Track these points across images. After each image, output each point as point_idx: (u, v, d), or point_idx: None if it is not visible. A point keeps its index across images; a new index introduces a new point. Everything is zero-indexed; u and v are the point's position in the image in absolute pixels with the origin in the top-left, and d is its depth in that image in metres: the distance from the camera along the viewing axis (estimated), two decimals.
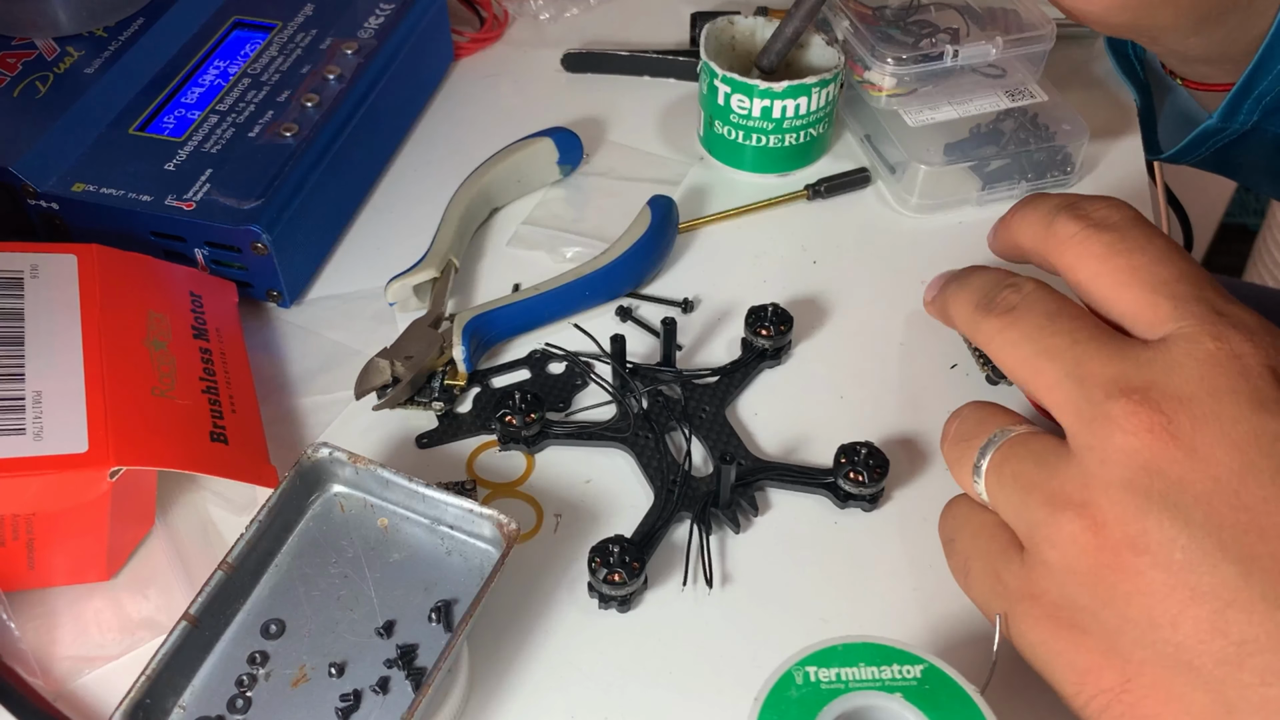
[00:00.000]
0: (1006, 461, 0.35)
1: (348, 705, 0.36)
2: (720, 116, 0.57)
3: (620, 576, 0.39)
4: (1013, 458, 0.35)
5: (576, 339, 0.49)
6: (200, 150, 0.51)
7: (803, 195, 0.57)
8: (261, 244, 0.48)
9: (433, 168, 0.59)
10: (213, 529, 0.43)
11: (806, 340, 0.51)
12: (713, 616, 0.41)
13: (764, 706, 0.32)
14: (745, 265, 0.54)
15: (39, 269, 0.43)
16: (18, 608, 0.40)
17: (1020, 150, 0.56)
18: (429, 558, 0.39)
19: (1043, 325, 0.35)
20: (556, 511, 0.44)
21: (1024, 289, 0.37)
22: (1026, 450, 0.34)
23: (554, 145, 0.57)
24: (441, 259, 0.51)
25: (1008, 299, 0.37)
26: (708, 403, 0.47)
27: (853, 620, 0.41)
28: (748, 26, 0.60)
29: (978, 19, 0.58)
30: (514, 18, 0.70)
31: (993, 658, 0.37)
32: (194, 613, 0.36)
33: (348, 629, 0.38)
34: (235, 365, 0.46)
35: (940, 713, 0.32)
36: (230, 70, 0.56)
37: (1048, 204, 0.38)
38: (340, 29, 0.58)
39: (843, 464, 0.43)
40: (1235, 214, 1.52)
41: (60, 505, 0.38)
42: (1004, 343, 0.36)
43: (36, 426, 0.38)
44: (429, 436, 0.46)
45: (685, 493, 0.43)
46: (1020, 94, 0.58)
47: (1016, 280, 0.38)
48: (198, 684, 0.36)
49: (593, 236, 0.55)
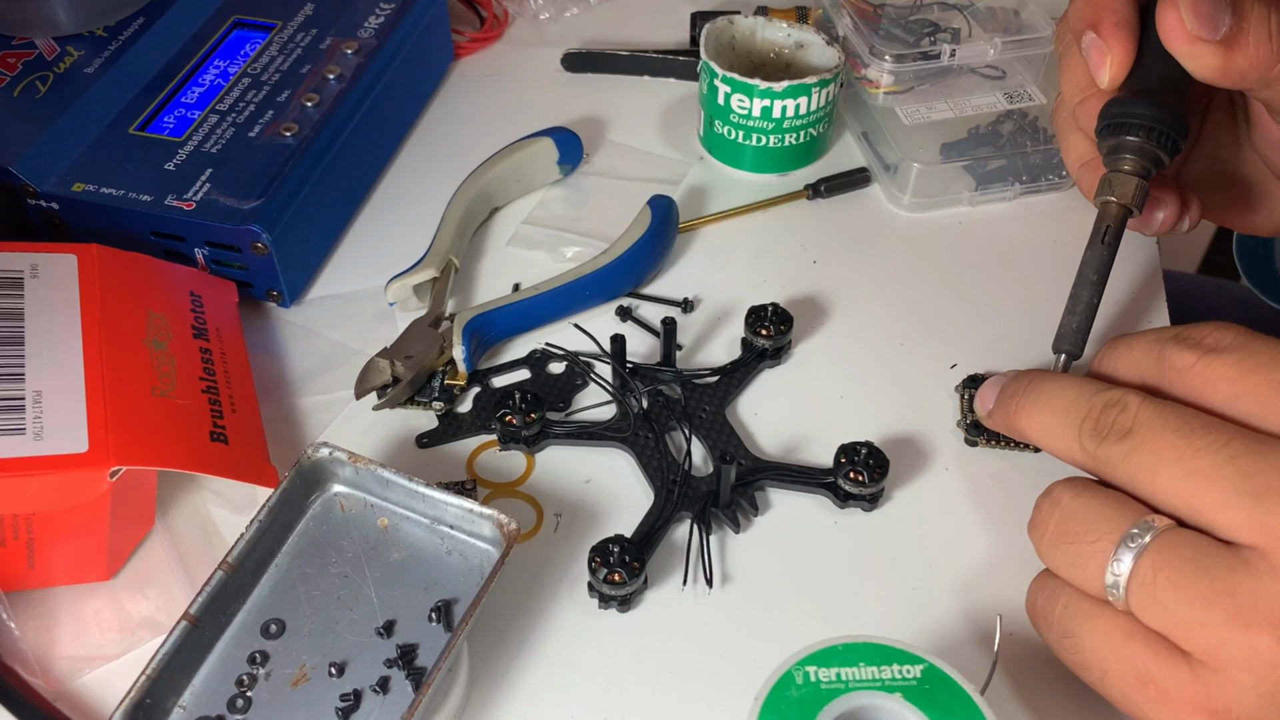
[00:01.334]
0: (1161, 570, 0.32)
1: (348, 705, 0.36)
2: (720, 116, 0.57)
3: (620, 576, 0.39)
4: (1168, 566, 0.32)
5: (576, 339, 0.49)
6: (200, 150, 0.51)
7: (803, 195, 0.57)
8: (261, 244, 0.48)
9: (433, 168, 0.59)
10: (213, 529, 0.43)
11: (806, 340, 0.51)
12: (713, 616, 0.41)
13: (764, 706, 0.32)
14: (745, 265, 0.54)
15: (39, 269, 0.43)
16: (18, 608, 0.40)
17: (1017, 152, 0.56)
18: (429, 557, 0.39)
19: (1178, 445, 0.32)
20: (556, 511, 0.44)
21: (1131, 406, 0.34)
22: (1182, 557, 0.31)
23: (554, 145, 0.57)
24: (441, 259, 0.51)
25: (1119, 422, 0.34)
26: (708, 403, 0.47)
27: (853, 620, 0.41)
28: (748, 26, 0.60)
29: (980, 19, 0.58)
30: (514, 17, 0.70)
31: (993, 658, 0.37)
32: (194, 613, 0.36)
33: (348, 629, 0.38)
34: (235, 365, 0.46)
35: (940, 713, 0.32)
36: (230, 70, 0.56)
37: (1147, 338, 0.36)
38: (340, 29, 0.58)
39: (843, 464, 0.43)
40: None
41: (60, 505, 0.38)
42: (1136, 470, 0.33)
43: (36, 426, 0.38)
44: (429, 436, 0.46)
45: (685, 493, 0.43)
46: (1019, 96, 0.58)
47: (1115, 396, 0.35)
48: (198, 684, 0.36)
49: (593, 236, 0.55)
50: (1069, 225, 0.56)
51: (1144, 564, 0.32)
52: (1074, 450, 0.36)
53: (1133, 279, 0.53)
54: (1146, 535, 0.32)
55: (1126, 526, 0.33)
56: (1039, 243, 0.55)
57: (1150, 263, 0.54)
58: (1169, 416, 0.33)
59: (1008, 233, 0.56)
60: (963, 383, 0.47)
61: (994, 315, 0.52)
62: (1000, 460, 0.46)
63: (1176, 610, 0.31)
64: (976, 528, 0.43)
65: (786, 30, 0.59)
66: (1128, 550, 0.32)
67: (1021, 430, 0.39)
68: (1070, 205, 0.57)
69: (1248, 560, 0.30)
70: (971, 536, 0.43)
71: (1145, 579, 0.32)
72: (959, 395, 0.47)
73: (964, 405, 0.46)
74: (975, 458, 0.46)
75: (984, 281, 0.53)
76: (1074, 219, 0.56)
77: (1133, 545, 0.32)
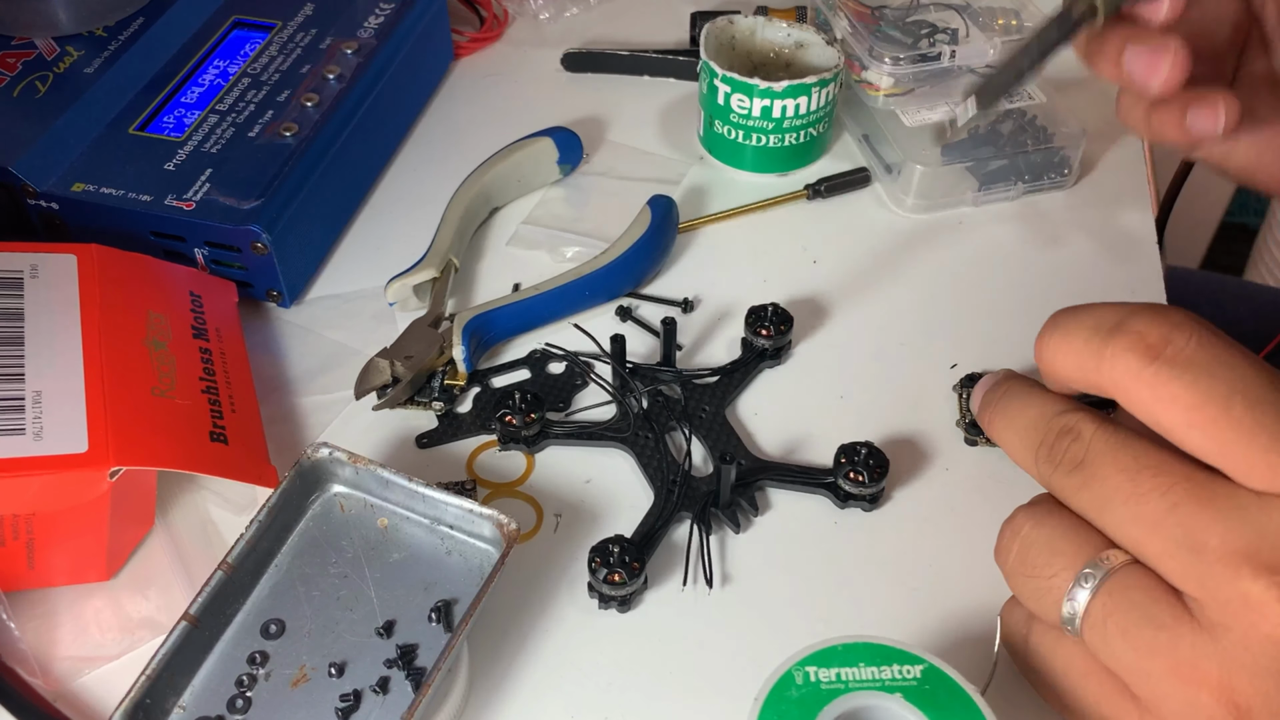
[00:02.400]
0: (1110, 615, 0.31)
1: (348, 705, 0.36)
2: (720, 116, 0.57)
3: (620, 576, 0.39)
4: (1117, 611, 0.31)
5: (576, 339, 0.49)
6: (200, 150, 0.51)
7: (803, 195, 0.57)
8: (261, 244, 0.48)
9: (433, 168, 0.59)
10: (213, 529, 0.43)
11: (806, 340, 0.51)
12: (713, 616, 0.41)
13: (764, 706, 0.32)
14: (745, 265, 0.54)
15: (39, 269, 0.43)
16: (18, 608, 0.40)
17: (1018, 152, 0.56)
18: (429, 558, 0.39)
19: (1125, 487, 0.31)
20: (556, 511, 0.44)
21: (1084, 436, 0.32)
22: (1130, 603, 0.31)
23: (554, 145, 0.57)
24: (441, 259, 0.51)
25: (1072, 452, 0.32)
26: (708, 403, 0.47)
27: (853, 620, 0.41)
28: (748, 26, 0.60)
29: (977, 20, 0.58)
30: (514, 17, 0.70)
31: (993, 658, 0.37)
32: (194, 613, 0.36)
33: (348, 629, 0.38)
34: (235, 365, 0.46)
35: (940, 713, 0.32)
36: (230, 70, 0.56)
37: (1086, 327, 0.32)
38: (340, 29, 0.58)
39: (843, 464, 0.43)
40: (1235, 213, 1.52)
41: (60, 505, 0.38)
42: (1088, 505, 0.32)
43: (36, 426, 0.38)
44: (429, 436, 0.46)
45: (685, 493, 0.43)
46: (1019, 95, 0.58)
47: (1070, 423, 0.33)
48: (198, 684, 0.36)
49: (593, 236, 0.55)
50: (1070, 224, 0.56)
51: (1095, 606, 0.32)
52: (1033, 472, 0.35)
53: (1131, 275, 0.53)
54: (1099, 575, 0.32)
55: (1081, 565, 0.32)
56: (1039, 242, 0.55)
57: (1150, 260, 0.54)
58: (1119, 453, 0.31)
59: (1008, 232, 0.56)
60: (961, 382, 0.47)
61: (994, 315, 0.52)
62: (1000, 460, 0.45)
63: (1124, 657, 0.31)
64: (976, 528, 0.43)
65: (786, 30, 0.59)
66: (1081, 589, 0.32)
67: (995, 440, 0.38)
68: (1071, 205, 0.57)
69: (1192, 613, 0.30)
70: (971, 536, 0.43)
71: (1096, 622, 0.32)
72: (958, 395, 0.47)
73: (963, 405, 0.46)
74: (975, 458, 0.46)
75: (984, 281, 0.53)
76: (1075, 218, 0.56)
77: (1086, 585, 0.32)
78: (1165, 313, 0.31)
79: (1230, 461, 0.30)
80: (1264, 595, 0.28)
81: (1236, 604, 0.29)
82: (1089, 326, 0.32)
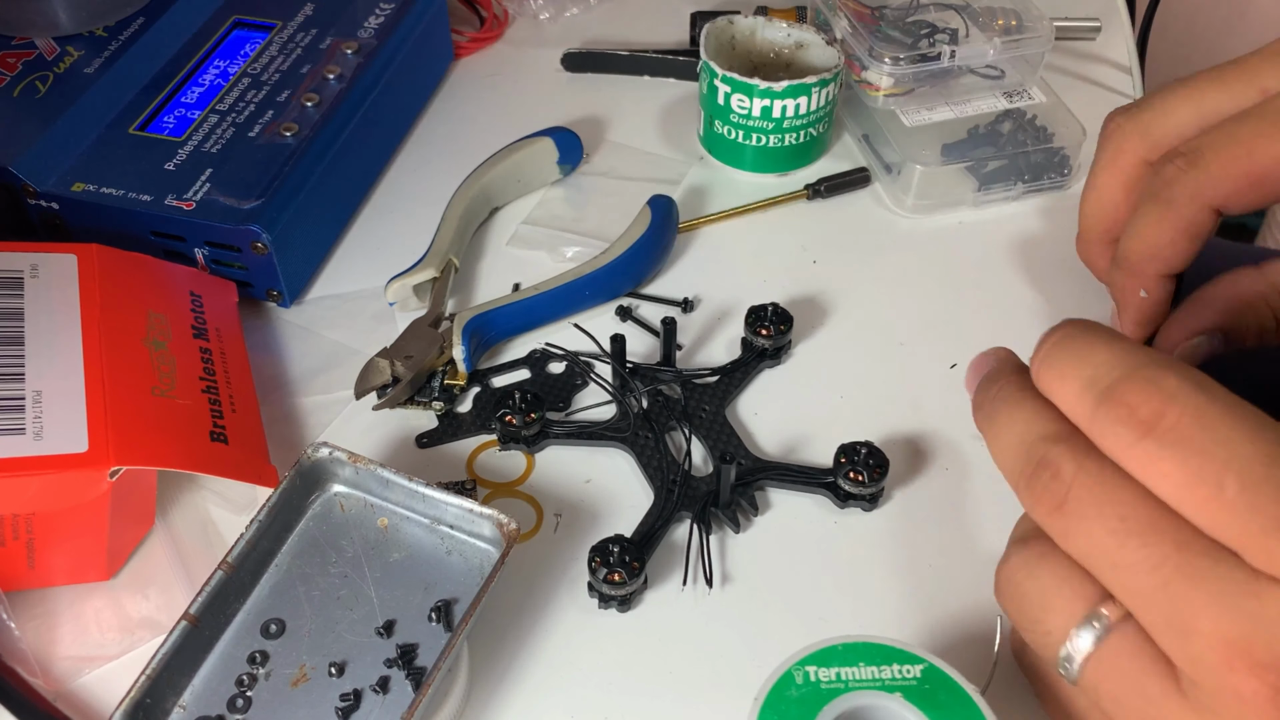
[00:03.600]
0: (1103, 681, 0.31)
1: (348, 705, 0.36)
2: (720, 116, 0.57)
3: (620, 576, 0.39)
4: (1109, 678, 0.30)
5: (576, 339, 0.49)
6: (200, 150, 0.51)
7: (802, 195, 0.57)
8: (261, 244, 0.48)
9: (433, 167, 0.59)
10: (213, 529, 0.43)
11: (806, 340, 0.51)
12: (713, 616, 0.41)
13: (764, 706, 0.32)
14: (745, 265, 0.54)
15: (39, 269, 0.43)
16: (18, 608, 0.40)
17: (1018, 151, 0.56)
18: (429, 557, 0.39)
19: (1111, 548, 0.29)
20: (556, 511, 0.44)
21: (1064, 475, 0.30)
22: (1121, 671, 0.30)
23: (554, 145, 0.57)
24: (441, 259, 0.51)
25: (1051, 491, 0.31)
26: (708, 402, 0.47)
27: (853, 620, 0.41)
28: (748, 26, 0.60)
29: (977, 19, 0.58)
30: (514, 17, 0.70)
31: (993, 658, 0.37)
32: (194, 612, 0.36)
33: (348, 629, 0.38)
34: (235, 365, 0.46)
35: (940, 713, 0.32)
36: (230, 70, 0.56)
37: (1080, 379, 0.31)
38: (340, 29, 0.58)
39: (843, 464, 0.43)
40: None
41: (60, 505, 0.38)
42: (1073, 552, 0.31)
43: (36, 426, 0.38)
44: (429, 436, 0.46)
45: (685, 492, 0.43)
46: (1018, 95, 0.58)
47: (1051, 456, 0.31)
48: (198, 684, 0.36)
49: (593, 236, 0.55)
50: (1070, 224, 0.56)
51: (1089, 670, 0.31)
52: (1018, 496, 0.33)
53: None
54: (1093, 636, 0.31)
55: (1075, 622, 0.31)
56: (1039, 241, 0.55)
57: None
58: (1103, 508, 0.30)
59: (1007, 231, 0.56)
60: None
61: (994, 315, 0.52)
62: None
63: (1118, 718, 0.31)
64: (976, 528, 0.43)
65: (786, 30, 0.59)
66: (1076, 649, 0.31)
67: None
68: (1071, 204, 0.57)
69: (1182, 688, 0.29)
70: (971, 536, 0.43)
71: (1089, 685, 0.31)
72: None
73: None
74: (975, 458, 0.46)
75: (984, 281, 0.53)
76: (1075, 218, 0.56)
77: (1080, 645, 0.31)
78: (1161, 380, 0.30)
79: (1224, 540, 0.29)
80: (1256, 694, 0.27)
81: (1228, 696, 0.28)
82: (1084, 378, 0.31)
